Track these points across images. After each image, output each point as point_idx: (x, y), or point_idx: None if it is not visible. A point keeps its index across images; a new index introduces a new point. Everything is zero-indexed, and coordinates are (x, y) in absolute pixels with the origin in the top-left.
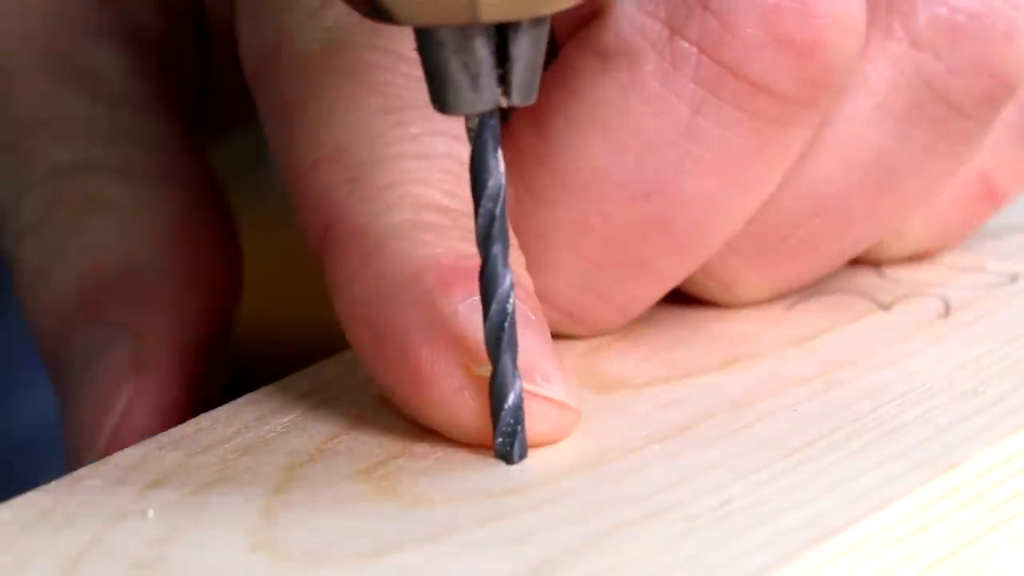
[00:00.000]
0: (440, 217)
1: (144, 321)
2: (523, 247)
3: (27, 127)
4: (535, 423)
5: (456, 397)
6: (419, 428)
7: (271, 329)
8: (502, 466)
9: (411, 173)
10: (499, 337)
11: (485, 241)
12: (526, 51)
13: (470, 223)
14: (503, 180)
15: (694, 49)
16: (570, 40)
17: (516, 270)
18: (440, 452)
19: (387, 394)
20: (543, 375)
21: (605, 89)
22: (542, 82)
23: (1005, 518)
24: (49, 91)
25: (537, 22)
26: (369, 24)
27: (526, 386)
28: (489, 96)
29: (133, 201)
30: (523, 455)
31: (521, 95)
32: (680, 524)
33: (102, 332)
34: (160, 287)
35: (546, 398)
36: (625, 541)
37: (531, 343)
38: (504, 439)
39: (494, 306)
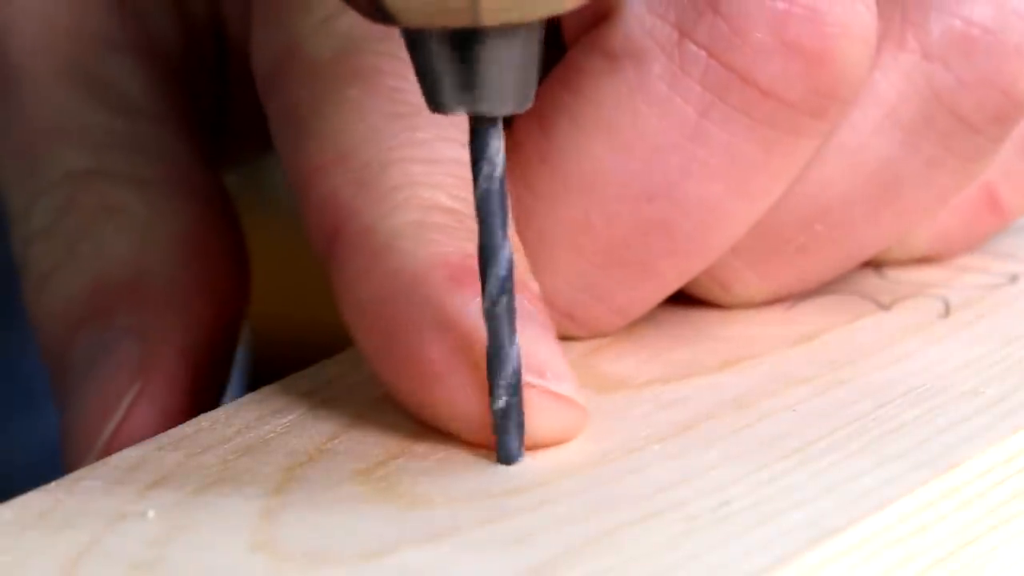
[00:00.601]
0: (447, 218)
1: (150, 325)
2: (524, 246)
3: (44, 135)
4: (544, 420)
5: (462, 394)
6: (419, 428)
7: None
8: (502, 467)
9: (417, 176)
10: (500, 336)
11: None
12: (519, 55)
13: (476, 225)
14: (501, 171)
15: (703, 53)
16: (578, 41)
17: (521, 273)
18: (441, 453)
19: (392, 392)
20: (553, 373)
21: (612, 89)
22: (547, 82)
23: (1005, 518)
24: (68, 101)
25: (530, 25)
26: (379, 31)
27: (535, 382)
28: (483, 96)
29: (145, 209)
30: (523, 455)
31: (516, 101)
32: (680, 524)
33: (108, 334)
34: (168, 293)
35: (556, 395)
36: (625, 541)
37: (538, 341)
38: (504, 439)
39: (493, 305)
